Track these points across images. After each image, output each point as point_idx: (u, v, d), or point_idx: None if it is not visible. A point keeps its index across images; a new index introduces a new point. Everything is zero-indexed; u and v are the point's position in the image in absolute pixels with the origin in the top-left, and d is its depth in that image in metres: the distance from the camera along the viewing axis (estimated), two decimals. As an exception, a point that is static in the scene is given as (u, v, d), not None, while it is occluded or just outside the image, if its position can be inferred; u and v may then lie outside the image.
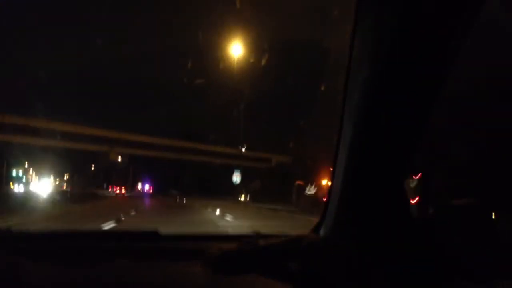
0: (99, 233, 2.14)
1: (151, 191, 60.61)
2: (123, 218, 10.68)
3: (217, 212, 15.76)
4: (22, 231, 1.82)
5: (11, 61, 35.32)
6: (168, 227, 6.14)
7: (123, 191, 56.93)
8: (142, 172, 64.40)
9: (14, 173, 50.55)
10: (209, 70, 33.08)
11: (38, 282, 1.38)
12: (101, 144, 41.80)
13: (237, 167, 37.52)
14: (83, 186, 53.86)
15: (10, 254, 1.55)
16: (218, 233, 2.51)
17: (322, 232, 1.34)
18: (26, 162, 55.52)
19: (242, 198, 36.19)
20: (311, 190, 23.41)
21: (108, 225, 8.53)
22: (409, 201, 1.18)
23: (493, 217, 1.16)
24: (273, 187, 31.75)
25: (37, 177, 55.64)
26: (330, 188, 1.31)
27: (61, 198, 27.08)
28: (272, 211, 19.87)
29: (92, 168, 67.71)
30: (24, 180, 50.28)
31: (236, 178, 36.74)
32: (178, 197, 33.79)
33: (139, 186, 67.70)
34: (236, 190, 37.27)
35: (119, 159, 55.72)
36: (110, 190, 57.19)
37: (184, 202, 27.75)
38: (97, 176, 65.04)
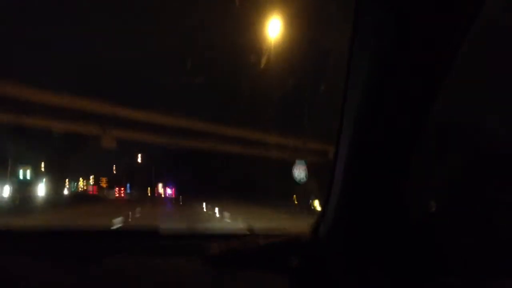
0: (99, 232, 2.20)
1: (174, 195, 49.93)
2: None
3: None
4: (22, 231, 1.89)
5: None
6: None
7: (122, 194, 58.84)
8: (168, 172, 54.16)
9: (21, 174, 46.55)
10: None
11: (37, 281, 1.43)
12: (89, 123, 27.33)
13: (300, 159, 26.04)
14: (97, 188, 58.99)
15: (10, 254, 1.62)
16: (218, 231, 2.60)
17: (321, 231, 1.40)
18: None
19: (317, 206, 21.83)
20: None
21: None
22: (408, 201, 1.22)
23: (493, 217, 1.21)
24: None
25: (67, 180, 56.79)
26: (330, 188, 1.37)
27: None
28: None
29: (114, 170, 63.51)
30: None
31: (300, 172, 22.87)
32: (204, 205, 25.26)
33: (160, 189, 57.51)
34: (295, 193, 26.95)
35: (139, 158, 50.56)
36: (116, 192, 60.48)
37: (217, 214, 19.22)
38: (117, 177, 58.70)
